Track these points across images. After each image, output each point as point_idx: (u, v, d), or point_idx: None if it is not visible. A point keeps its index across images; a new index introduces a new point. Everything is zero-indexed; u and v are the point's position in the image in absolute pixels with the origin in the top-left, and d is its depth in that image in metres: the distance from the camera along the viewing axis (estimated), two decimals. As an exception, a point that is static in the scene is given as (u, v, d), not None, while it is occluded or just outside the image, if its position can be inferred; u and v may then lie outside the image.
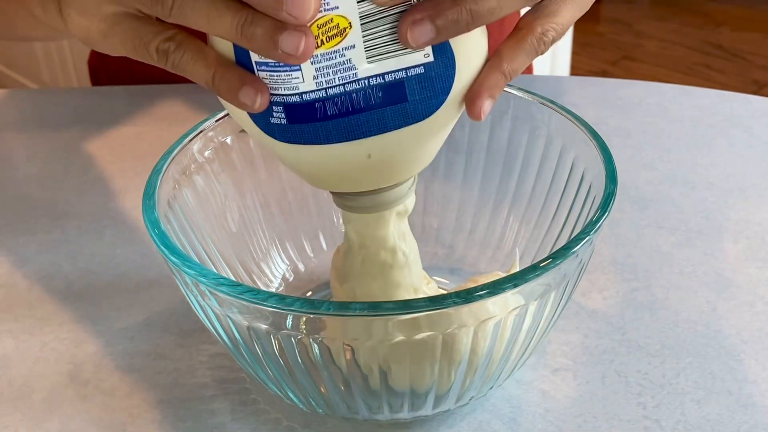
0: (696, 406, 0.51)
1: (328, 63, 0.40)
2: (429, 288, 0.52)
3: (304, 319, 0.42)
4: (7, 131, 0.81)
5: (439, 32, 0.40)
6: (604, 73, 2.58)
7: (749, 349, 0.55)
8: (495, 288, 0.41)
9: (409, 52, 0.40)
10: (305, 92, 0.41)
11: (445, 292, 0.52)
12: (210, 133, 0.55)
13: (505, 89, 0.57)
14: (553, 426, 0.50)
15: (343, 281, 0.51)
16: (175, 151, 0.52)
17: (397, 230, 0.49)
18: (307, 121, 0.41)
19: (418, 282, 0.50)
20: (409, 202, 0.50)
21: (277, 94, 0.41)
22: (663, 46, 2.72)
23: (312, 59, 0.40)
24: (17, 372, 0.55)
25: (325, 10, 0.39)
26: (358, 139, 0.42)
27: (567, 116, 0.53)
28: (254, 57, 0.41)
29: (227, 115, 0.56)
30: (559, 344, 0.55)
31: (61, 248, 0.66)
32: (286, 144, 0.43)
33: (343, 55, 0.40)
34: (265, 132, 0.43)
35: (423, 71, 0.41)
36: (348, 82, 0.40)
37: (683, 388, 0.52)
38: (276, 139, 0.43)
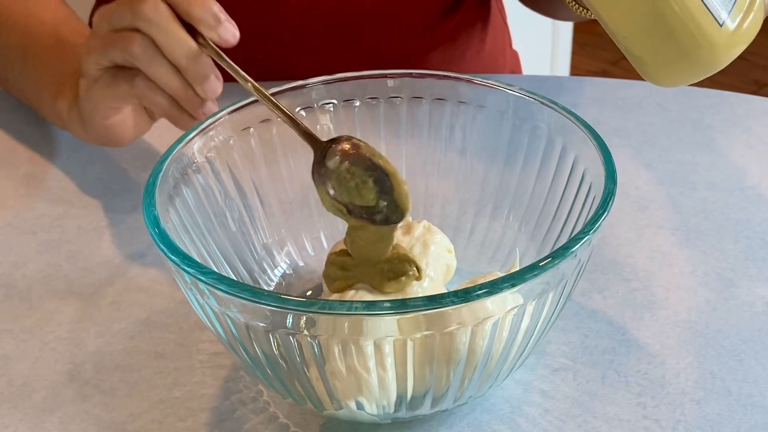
0: (696, 406, 0.51)
1: None
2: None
3: (303, 318, 0.42)
4: (7, 131, 0.81)
5: None
6: (604, 73, 2.58)
7: (749, 349, 0.55)
8: (493, 287, 0.41)
9: None
10: None
11: (445, 291, 0.52)
12: (210, 132, 0.55)
13: (505, 89, 0.57)
14: (553, 426, 0.50)
15: None
16: (176, 151, 0.52)
17: None
18: None
19: None
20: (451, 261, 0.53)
21: None
22: (663, 47, 2.71)
23: None
24: (17, 372, 0.55)
25: None
26: None
27: (567, 116, 0.53)
28: None
29: (228, 113, 0.56)
30: (559, 344, 0.55)
31: (61, 248, 0.66)
32: None
33: None
34: None
35: None
36: None
37: (683, 388, 0.52)
38: None
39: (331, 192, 0.50)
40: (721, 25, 0.49)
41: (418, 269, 0.49)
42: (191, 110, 0.60)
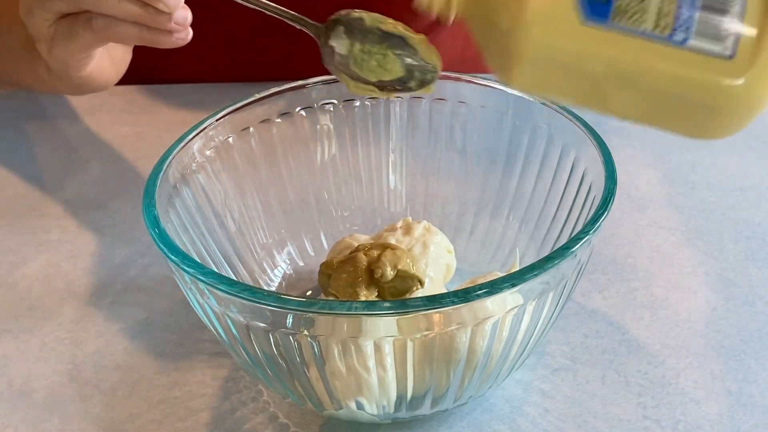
0: (696, 406, 0.51)
1: None
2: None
3: (303, 318, 0.42)
4: (7, 131, 0.81)
5: None
6: (605, 74, 2.58)
7: (749, 349, 0.55)
8: (493, 287, 0.41)
9: None
10: None
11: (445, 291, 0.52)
12: (211, 132, 0.55)
13: (505, 89, 0.57)
14: (553, 426, 0.50)
15: None
16: (176, 150, 0.52)
17: None
18: None
19: None
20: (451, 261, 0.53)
21: None
22: (664, 47, 2.71)
23: None
24: (17, 372, 0.55)
25: None
26: None
27: (567, 116, 0.54)
28: None
29: (228, 114, 0.56)
30: (559, 344, 0.55)
31: (61, 248, 0.66)
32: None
33: None
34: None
35: None
36: None
37: (683, 388, 0.52)
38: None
39: (354, 76, 0.47)
40: (731, 57, 0.41)
41: (421, 283, 0.49)
42: (162, 27, 0.55)
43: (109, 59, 0.62)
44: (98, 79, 0.62)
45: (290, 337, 0.43)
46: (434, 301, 0.41)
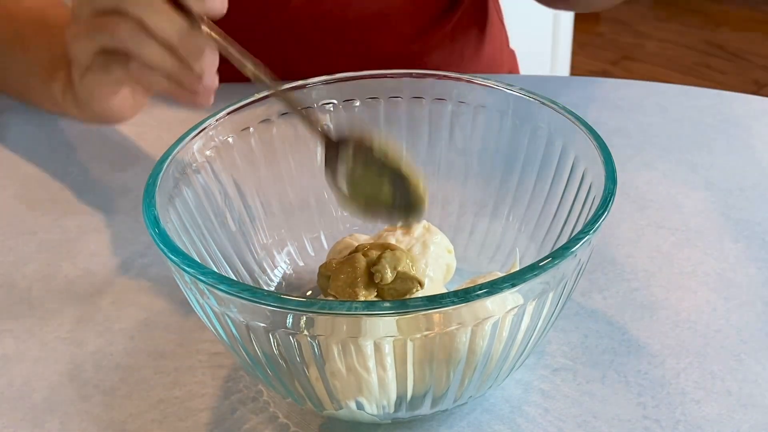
0: (696, 406, 0.51)
1: None
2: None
3: (303, 318, 0.42)
4: (7, 131, 0.81)
5: None
6: (604, 73, 2.59)
7: (749, 349, 0.55)
8: (493, 287, 0.41)
9: None
10: None
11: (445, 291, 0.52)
12: (211, 132, 0.55)
13: (505, 89, 0.57)
14: (553, 426, 0.50)
15: None
16: (176, 150, 0.52)
17: None
18: None
19: None
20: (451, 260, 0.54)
21: None
22: (663, 46, 2.72)
23: None
24: (17, 372, 0.55)
25: None
26: None
27: (567, 116, 0.54)
28: None
29: (228, 114, 0.56)
30: (559, 344, 0.55)
31: (61, 248, 0.66)
32: None
33: None
34: None
35: None
36: None
37: (683, 388, 0.52)
38: None
39: (346, 192, 0.51)
40: None
41: (421, 285, 0.50)
42: (190, 87, 0.57)
43: (131, 100, 0.64)
44: (116, 115, 0.65)
45: (290, 337, 0.43)
46: (434, 301, 0.41)
